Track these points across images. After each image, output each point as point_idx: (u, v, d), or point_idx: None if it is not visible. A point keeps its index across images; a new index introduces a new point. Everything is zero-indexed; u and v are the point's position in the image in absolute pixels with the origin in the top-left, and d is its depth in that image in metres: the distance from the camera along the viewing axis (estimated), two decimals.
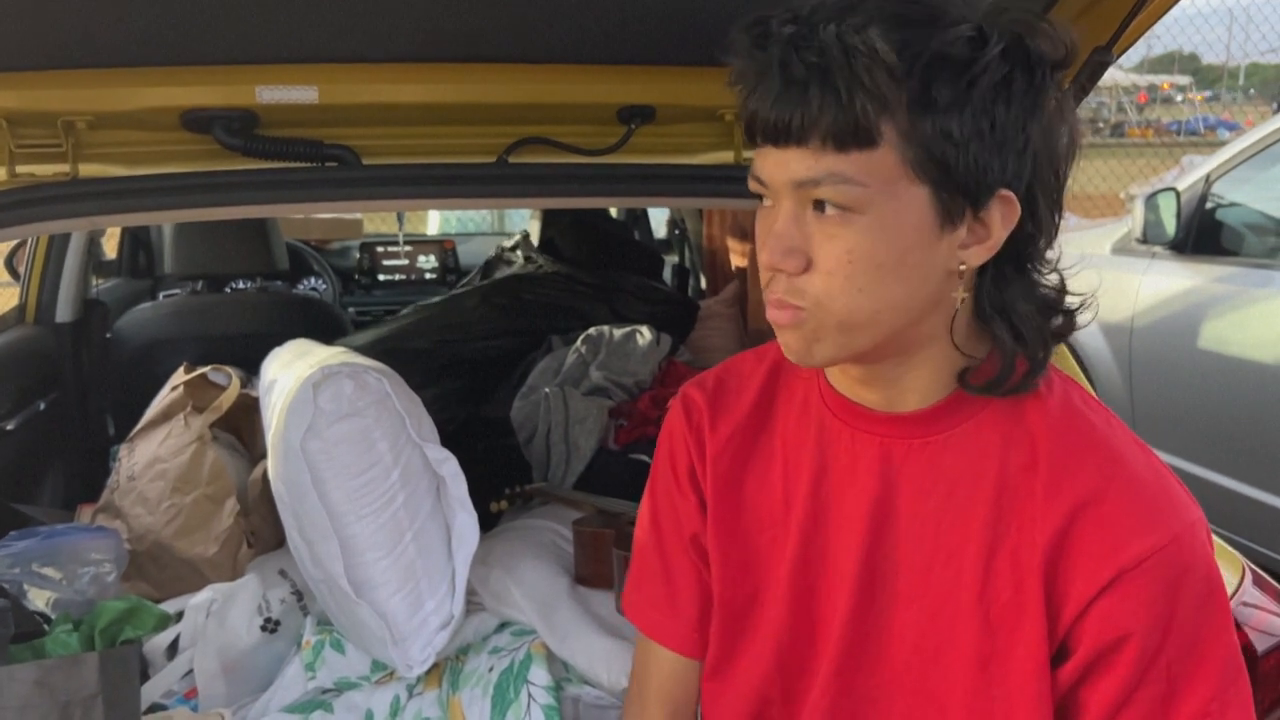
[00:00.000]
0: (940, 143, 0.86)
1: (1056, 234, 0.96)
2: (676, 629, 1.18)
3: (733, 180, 1.66)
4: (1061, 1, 1.37)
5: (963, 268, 0.92)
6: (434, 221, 5.92)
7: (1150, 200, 3.77)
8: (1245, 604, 1.29)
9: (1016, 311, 0.95)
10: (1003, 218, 0.91)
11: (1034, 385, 0.96)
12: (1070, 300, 0.98)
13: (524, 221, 4.33)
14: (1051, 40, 0.89)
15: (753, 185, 0.95)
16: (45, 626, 1.51)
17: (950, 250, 0.91)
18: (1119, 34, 1.38)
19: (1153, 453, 0.98)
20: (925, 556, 0.99)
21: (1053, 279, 0.98)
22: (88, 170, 1.52)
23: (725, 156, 1.71)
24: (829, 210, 0.89)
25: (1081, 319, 0.99)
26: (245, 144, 1.52)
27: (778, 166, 0.90)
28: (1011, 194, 0.90)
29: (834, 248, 0.89)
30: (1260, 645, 1.24)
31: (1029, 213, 0.92)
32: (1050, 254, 0.97)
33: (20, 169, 1.50)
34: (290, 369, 1.63)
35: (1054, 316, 0.97)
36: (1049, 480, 0.94)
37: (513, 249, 3.24)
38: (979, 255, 0.92)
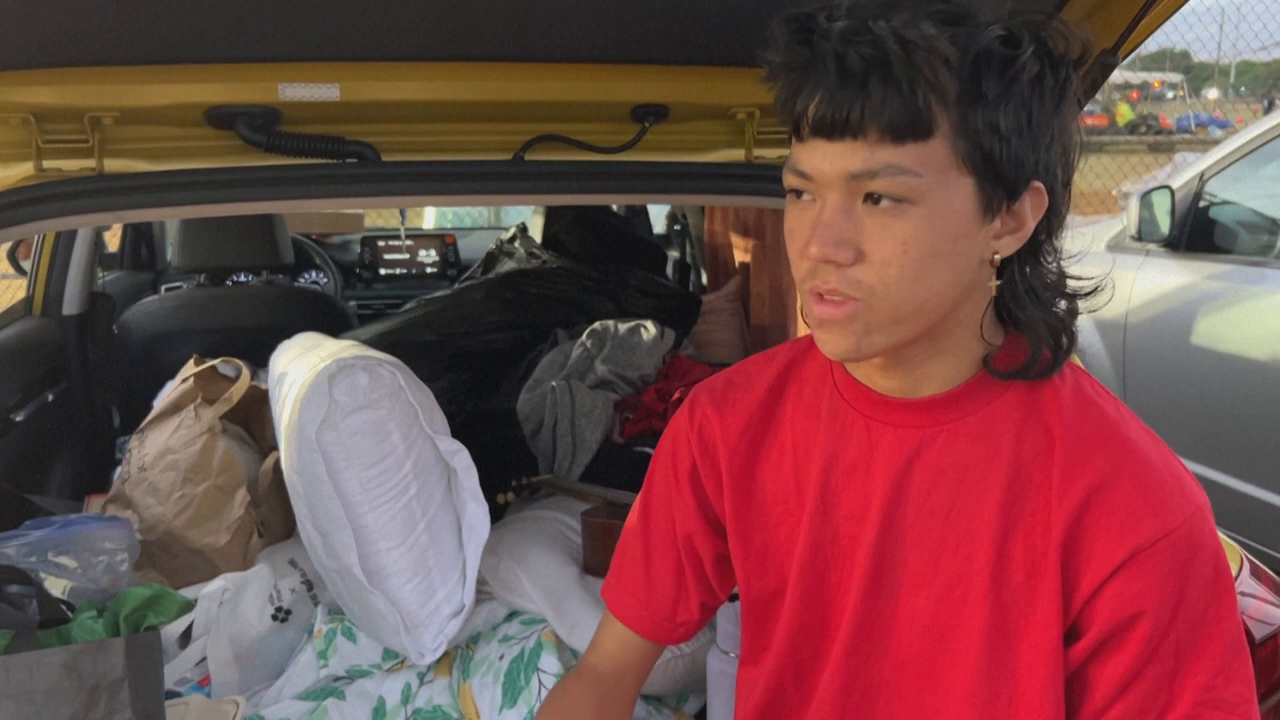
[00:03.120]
0: (989, 135, 0.89)
1: (1063, 224, 0.99)
2: (644, 617, 1.22)
3: (745, 178, 1.69)
4: (1070, 4, 1.40)
5: (996, 257, 0.95)
6: (430, 216, 5.93)
7: (1145, 198, 3.79)
8: (1242, 593, 1.31)
9: (1039, 298, 0.98)
10: (1033, 208, 0.95)
11: (1056, 370, 0.99)
12: (1077, 285, 1.01)
13: (520, 216, 4.34)
14: (1066, 39, 0.93)
15: (791, 180, 0.95)
16: (69, 613, 1.52)
17: (986, 240, 0.94)
18: (1125, 36, 1.40)
19: (1160, 439, 1.01)
20: (936, 541, 1.01)
21: (1054, 267, 1.01)
22: (113, 165, 1.54)
23: (736, 154, 1.73)
24: (884, 202, 0.90)
25: (1091, 302, 1.02)
26: (268, 140, 1.54)
27: (829, 159, 0.91)
28: (1042, 186, 0.94)
29: (888, 238, 0.90)
30: (1258, 634, 1.27)
31: (1050, 204, 0.95)
32: (1057, 243, 1.00)
33: (47, 164, 1.52)
34: (301, 361, 1.64)
35: (1065, 301, 1.00)
36: (1064, 466, 0.97)
37: (511, 240, 3.25)
38: (1011, 245, 0.95)
